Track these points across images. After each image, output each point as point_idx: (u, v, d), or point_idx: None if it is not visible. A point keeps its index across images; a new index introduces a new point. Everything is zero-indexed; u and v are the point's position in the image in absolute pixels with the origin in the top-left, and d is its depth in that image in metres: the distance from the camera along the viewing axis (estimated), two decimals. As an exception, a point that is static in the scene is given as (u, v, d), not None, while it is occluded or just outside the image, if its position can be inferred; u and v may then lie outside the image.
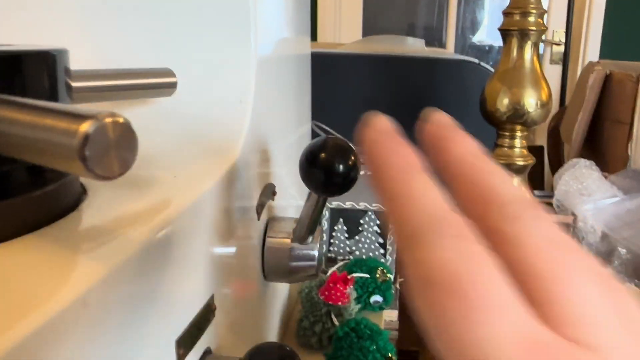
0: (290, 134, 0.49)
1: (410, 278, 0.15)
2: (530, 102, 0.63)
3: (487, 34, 2.50)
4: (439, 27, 2.46)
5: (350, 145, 0.34)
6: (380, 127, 0.18)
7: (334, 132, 0.64)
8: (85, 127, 0.12)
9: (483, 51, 2.48)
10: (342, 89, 0.82)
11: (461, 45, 2.47)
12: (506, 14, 0.63)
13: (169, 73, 0.30)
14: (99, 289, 0.16)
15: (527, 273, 0.15)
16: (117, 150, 0.13)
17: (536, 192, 0.96)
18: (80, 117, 0.13)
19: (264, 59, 0.35)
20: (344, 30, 2.24)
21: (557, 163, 1.56)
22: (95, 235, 0.20)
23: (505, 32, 0.64)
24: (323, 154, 0.31)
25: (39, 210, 0.19)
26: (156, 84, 0.29)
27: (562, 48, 2.17)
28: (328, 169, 0.31)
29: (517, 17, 0.61)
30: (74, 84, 0.23)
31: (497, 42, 2.47)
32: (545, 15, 0.60)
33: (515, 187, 0.17)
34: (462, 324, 0.13)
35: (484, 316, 0.13)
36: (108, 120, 0.13)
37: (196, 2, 0.33)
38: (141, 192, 0.24)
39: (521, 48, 0.62)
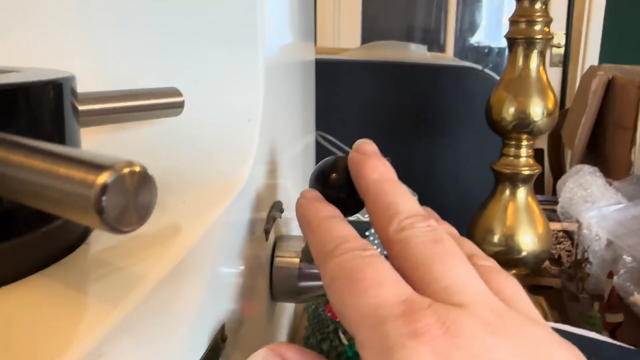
0: (296, 144, 0.48)
1: (324, 282, 0.20)
2: (537, 111, 0.62)
3: (485, 35, 2.50)
4: (437, 29, 2.45)
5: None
6: (309, 195, 0.25)
7: (338, 142, 0.63)
8: (103, 178, 0.12)
9: (482, 53, 2.47)
10: (344, 97, 0.81)
11: (460, 47, 2.46)
12: (512, 22, 0.62)
13: (176, 92, 0.29)
14: (113, 337, 0.15)
15: (412, 264, 0.19)
16: (135, 201, 0.12)
17: (538, 196, 0.95)
18: (97, 167, 0.12)
19: (271, 70, 0.35)
20: (343, 33, 2.23)
21: (557, 166, 1.56)
22: (105, 272, 0.19)
23: (511, 41, 0.63)
24: (334, 175, 0.30)
25: (45, 248, 0.18)
26: (163, 104, 0.28)
27: (561, 50, 2.17)
28: (340, 190, 0.30)
29: (523, 26, 0.60)
30: (80, 108, 0.22)
31: (495, 43, 2.46)
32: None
33: (410, 203, 0.22)
34: (357, 298, 0.18)
35: (372, 290, 0.18)
36: (126, 170, 0.12)
37: (201, 18, 0.32)
38: (150, 219, 0.24)
39: (527, 57, 0.61)
